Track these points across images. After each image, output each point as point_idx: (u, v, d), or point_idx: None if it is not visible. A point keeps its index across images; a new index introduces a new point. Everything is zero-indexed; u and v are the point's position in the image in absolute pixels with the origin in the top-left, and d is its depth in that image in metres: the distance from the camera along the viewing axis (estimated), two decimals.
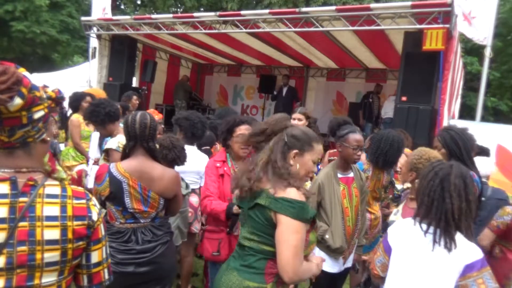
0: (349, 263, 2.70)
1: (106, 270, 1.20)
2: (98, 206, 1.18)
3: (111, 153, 2.99)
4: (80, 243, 1.10)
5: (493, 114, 16.32)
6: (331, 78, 10.15)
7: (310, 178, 2.09)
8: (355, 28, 5.42)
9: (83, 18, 7.91)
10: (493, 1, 6.62)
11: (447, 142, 2.53)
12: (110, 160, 2.96)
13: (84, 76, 8.93)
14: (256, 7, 14.00)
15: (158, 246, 2.19)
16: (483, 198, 2.72)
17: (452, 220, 1.56)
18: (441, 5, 4.71)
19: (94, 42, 8.52)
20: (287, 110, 6.42)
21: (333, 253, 2.51)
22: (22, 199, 1.04)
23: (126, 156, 2.24)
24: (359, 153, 2.59)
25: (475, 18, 6.64)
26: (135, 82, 9.38)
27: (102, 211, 1.69)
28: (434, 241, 1.57)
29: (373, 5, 5.37)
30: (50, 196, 1.08)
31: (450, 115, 5.85)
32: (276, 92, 9.31)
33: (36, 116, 1.08)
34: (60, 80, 9.76)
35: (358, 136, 2.59)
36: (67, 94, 5.30)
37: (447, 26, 4.69)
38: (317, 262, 1.74)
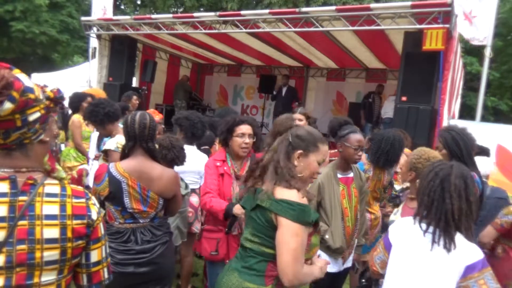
0: (349, 263, 2.70)
1: (105, 269, 1.20)
2: (98, 205, 1.18)
3: (110, 153, 2.99)
4: (79, 242, 1.10)
5: (493, 114, 16.33)
6: (331, 78, 10.14)
7: None
8: (355, 28, 5.42)
9: (83, 18, 7.91)
10: (493, 1, 6.62)
11: (448, 142, 2.52)
12: (109, 160, 2.95)
13: (84, 76, 8.94)
14: (256, 7, 13.97)
15: (157, 246, 2.19)
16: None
17: (452, 220, 1.55)
18: (441, 5, 4.71)
19: (94, 42, 8.52)
20: (287, 110, 6.39)
21: (333, 253, 2.51)
22: (21, 198, 1.04)
23: (126, 156, 2.24)
24: (360, 153, 2.59)
25: (475, 17, 6.64)
26: (135, 82, 9.38)
27: (102, 211, 1.69)
28: (433, 241, 1.57)
29: (373, 5, 5.36)
30: (49, 195, 1.08)
31: (450, 115, 5.84)
32: (275, 92, 9.28)
33: (31, 118, 1.07)
34: (60, 80, 9.78)
35: (359, 136, 2.59)
36: (67, 94, 5.29)
37: (447, 26, 4.69)
38: (320, 265, 1.71)
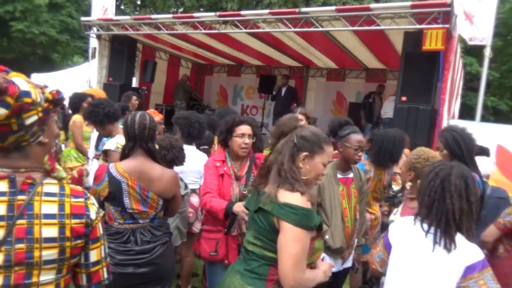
0: (349, 263, 2.70)
1: (105, 269, 1.20)
2: (97, 205, 1.18)
3: (110, 153, 2.98)
4: (78, 242, 1.10)
5: (493, 114, 16.33)
6: (331, 78, 10.14)
7: None
8: (355, 28, 5.42)
9: (83, 18, 7.91)
10: (493, 1, 6.63)
11: (449, 143, 2.51)
12: (108, 160, 2.95)
13: (84, 76, 8.94)
14: (256, 7, 13.98)
15: (157, 246, 2.18)
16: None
17: (452, 220, 1.55)
18: (441, 5, 4.71)
19: (94, 42, 8.52)
20: (286, 110, 6.41)
21: (333, 253, 2.51)
22: (20, 197, 1.04)
23: (125, 156, 2.24)
24: (360, 153, 2.59)
25: (475, 17, 6.65)
26: (135, 82, 9.38)
27: (101, 211, 1.69)
28: (435, 241, 1.56)
29: (373, 5, 5.37)
30: (48, 194, 1.08)
31: (450, 115, 5.84)
32: (274, 92, 9.26)
33: (28, 122, 1.06)
34: (60, 80, 9.79)
35: (359, 136, 2.59)
36: (67, 95, 5.29)
37: (447, 26, 4.69)
38: (324, 269, 1.68)
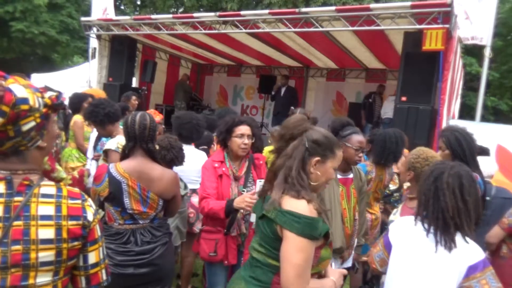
0: (349, 263, 2.69)
1: (103, 271, 1.20)
2: (94, 207, 1.17)
3: (110, 153, 2.98)
4: (75, 243, 1.10)
5: (493, 114, 16.31)
6: (331, 78, 10.13)
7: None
8: (355, 28, 5.42)
9: (83, 19, 7.91)
10: (492, 1, 6.62)
11: (452, 143, 2.51)
12: (109, 160, 2.94)
13: (84, 76, 8.94)
14: (256, 7, 13.96)
15: (157, 247, 2.18)
16: (488, 198, 2.69)
17: (450, 219, 1.54)
18: (440, 5, 4.70)
19: (94, 43, 8.51)
20: (286, 111, 6.38)
21: (333, 253, 2.50)
22: (17, 199, 1.04)
23: (126, 156, 2.24)
24: (361, 154, 2.59)
25: (475, 17, 6.64)
26: (135, 82, 9.37)
27: (100, 212, 1.68)
28: (436, 241, 1.56)
29: (372, 5, 5.37)
30: (45, 195, 1.07)
31: (450, 115, 5.84)
32: (274, 92, 9.24)
33: (24, 128, 1.06)
34: (60, 80, 9.80)
35: (360, 137, 2.58)
36: (67, 95, 5.29)
37: (447, 26, 4.68)
38: (335, 278, 1.58)
